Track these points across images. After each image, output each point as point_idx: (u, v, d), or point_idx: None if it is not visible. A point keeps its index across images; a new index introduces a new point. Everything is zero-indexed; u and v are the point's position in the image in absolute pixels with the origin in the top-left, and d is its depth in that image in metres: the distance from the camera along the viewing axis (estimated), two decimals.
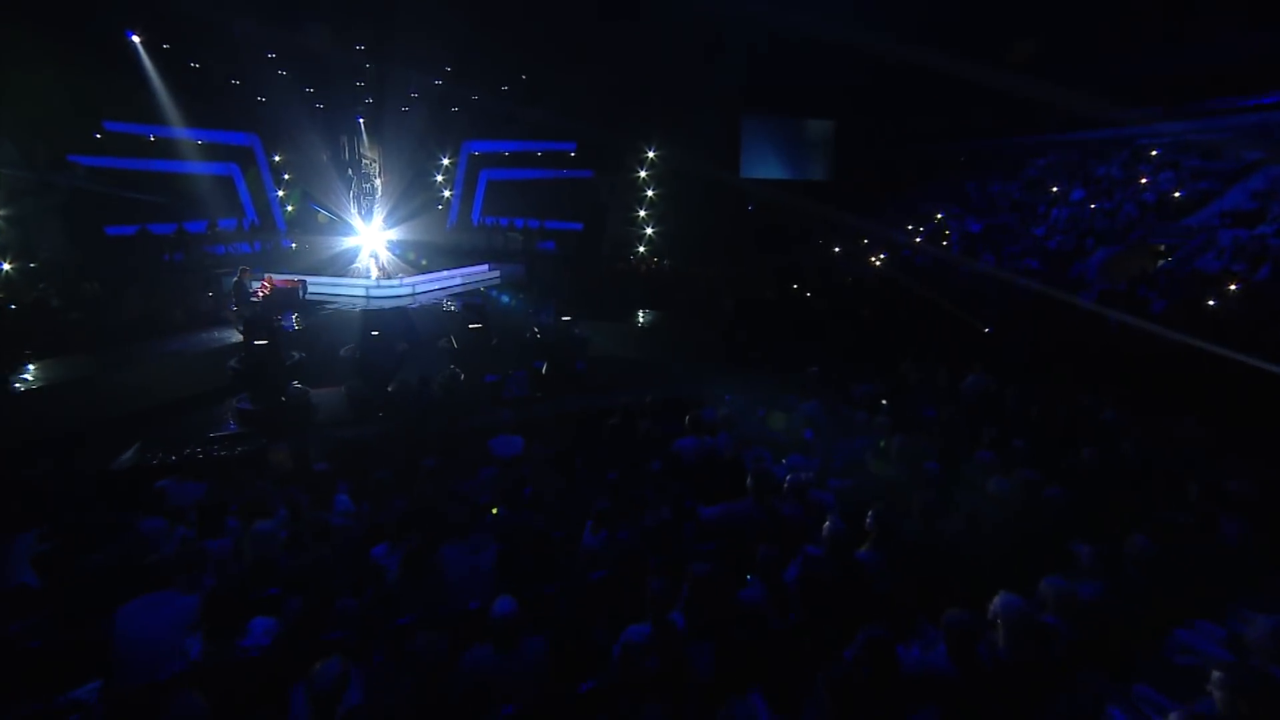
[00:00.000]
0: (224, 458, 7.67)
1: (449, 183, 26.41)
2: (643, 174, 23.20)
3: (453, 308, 13.52)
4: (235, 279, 13.26)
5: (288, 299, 13.45)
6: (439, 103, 24.06)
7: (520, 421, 7.63)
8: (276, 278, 13.99)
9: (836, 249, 22.40)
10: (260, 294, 13.21)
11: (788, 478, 5.41)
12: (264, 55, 21.17)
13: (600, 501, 4.99)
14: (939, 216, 21.87)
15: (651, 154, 23.04)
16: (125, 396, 10.16)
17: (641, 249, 23.32)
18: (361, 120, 23.81)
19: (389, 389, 10.29)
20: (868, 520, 4.57)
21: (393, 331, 12.72)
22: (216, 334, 13.29)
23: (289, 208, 24.55)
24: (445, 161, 26.27)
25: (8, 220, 17.71)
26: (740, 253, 21.13)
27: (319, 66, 22.06)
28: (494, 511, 5.27)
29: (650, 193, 23.27)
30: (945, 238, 20.36)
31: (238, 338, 12.91)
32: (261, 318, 9.83)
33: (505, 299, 15.82)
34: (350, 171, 24.01)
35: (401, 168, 25.12)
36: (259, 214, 23.51)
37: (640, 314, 14.72)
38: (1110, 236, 17.38)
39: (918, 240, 20.76)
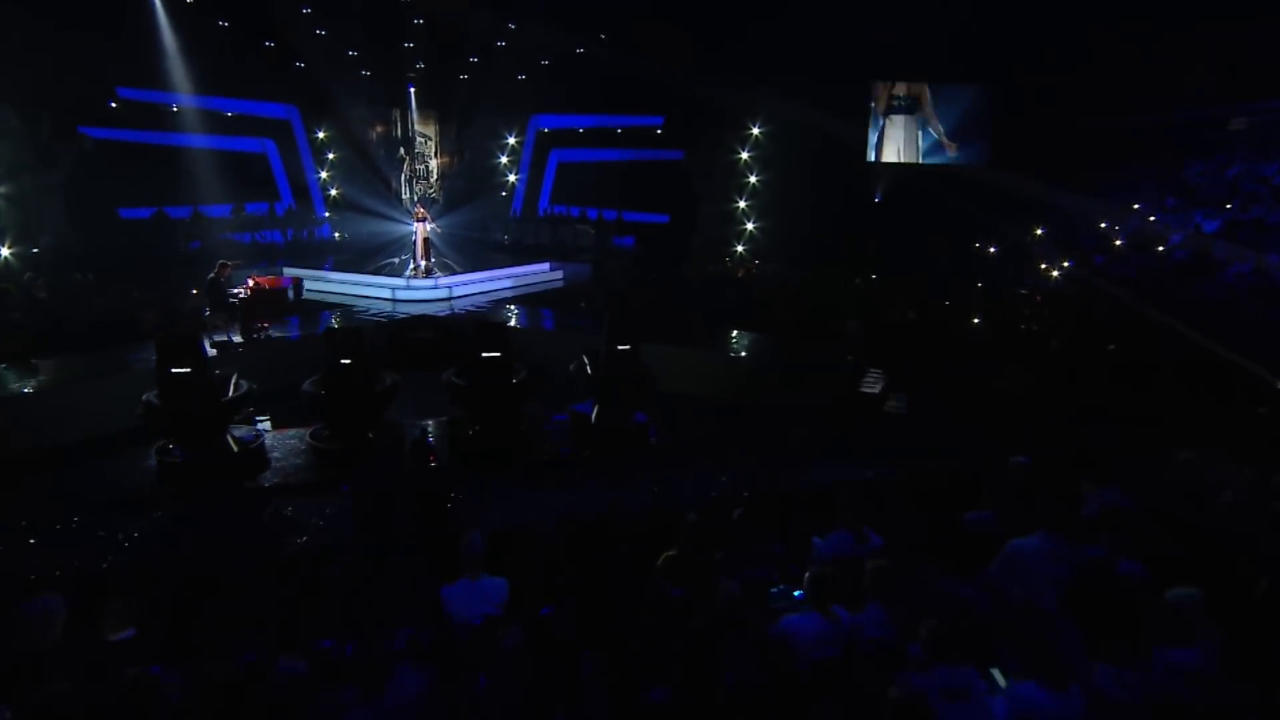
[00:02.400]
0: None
1: (514, 165, 24.79)
2: (745, 155, 20.77)
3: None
4: (212, 276, 11.34)
5: (273, 303, 11.52)
6: (503, 68, 22.56)
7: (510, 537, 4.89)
8: (263, 277, 12.22)
9: (993, 250, 18.80)
10: (241, 296, 11.32)
11: None
12: (301, 12, 20.07)
13: None
14: (1135, 207, 17.98)
15: (756, 131, 20.55)
16: (18, 428, 8.15)
17: (740, 248, 20.79)
18: (413, 89, 22.60)
19: (370, 442, 7.87)
20: None
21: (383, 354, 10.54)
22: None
23: (332, 191, 23.15)
24: (510, 140, 24.64)
25: (6, 199, 16.72)
26: (867, 256, 17.95)
27: (364, 25, 20.81)
28: None
29: (753, 179, 20.81)
30: (1160, 239, 16.47)
31: (208, 350, 11.00)
32: (185, 335, 7.55)
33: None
34: (402, 151, 23.23)
35: (460, 146, 24.34)
36: (296, 197, 22.23)
37: (735, 336, 11.84)
38: None
39: (1116, 241, 16.98)
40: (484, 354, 8.43)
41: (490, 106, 23.31)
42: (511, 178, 24.82)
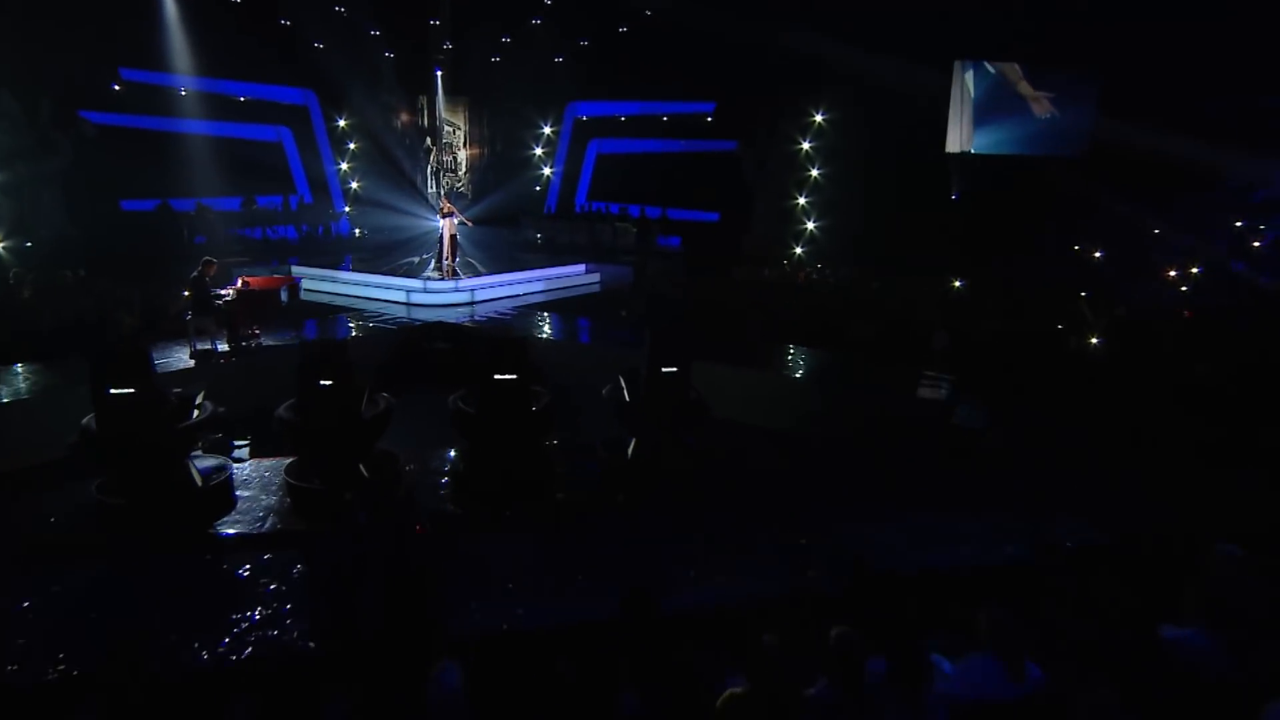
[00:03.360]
0: None
1: (549, 156, 23.96)
2: (805, 146, 19.37)
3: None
4: (195, 274, 10.34)
5: (265, 306, 10.52)
6: (539, 50, 21.86)
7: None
8: (257, 277, 11.29)
9: (1099, 254, 17.06)
10: (228, 298, 10.33)
11: None
12: None
13: None
14: None
15: (819, 118, 19.11)
16: None
17: (798, 250, 19.41)
18: (440, 72, 21.81)
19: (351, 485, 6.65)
20: None
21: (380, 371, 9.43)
22: (158, 355, 10.35)
23: (353, 184, 22.48)
24: (545, 129, 23.80)
25: (1, 189, 16.13)
26: (948, 260, 16.39)
27: (387, 1, 20.09)
28: None
29: (814, 172, 19.41)
30: None
31: (185, 361, 10.02)
32: (129, 348, 6.42)
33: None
34: (428, 141, 22.73)
35: (490, 136, 23.71)
36: (312, 190, 21.63)
37: (799, 354, 10.49)
38: None
39: (1255, 243, 15.17)
40: (497, 375, 7.16)
41: (524, 92, 22.71)
42: (546, 171, 24.14)
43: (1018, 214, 17.03)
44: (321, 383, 6.94)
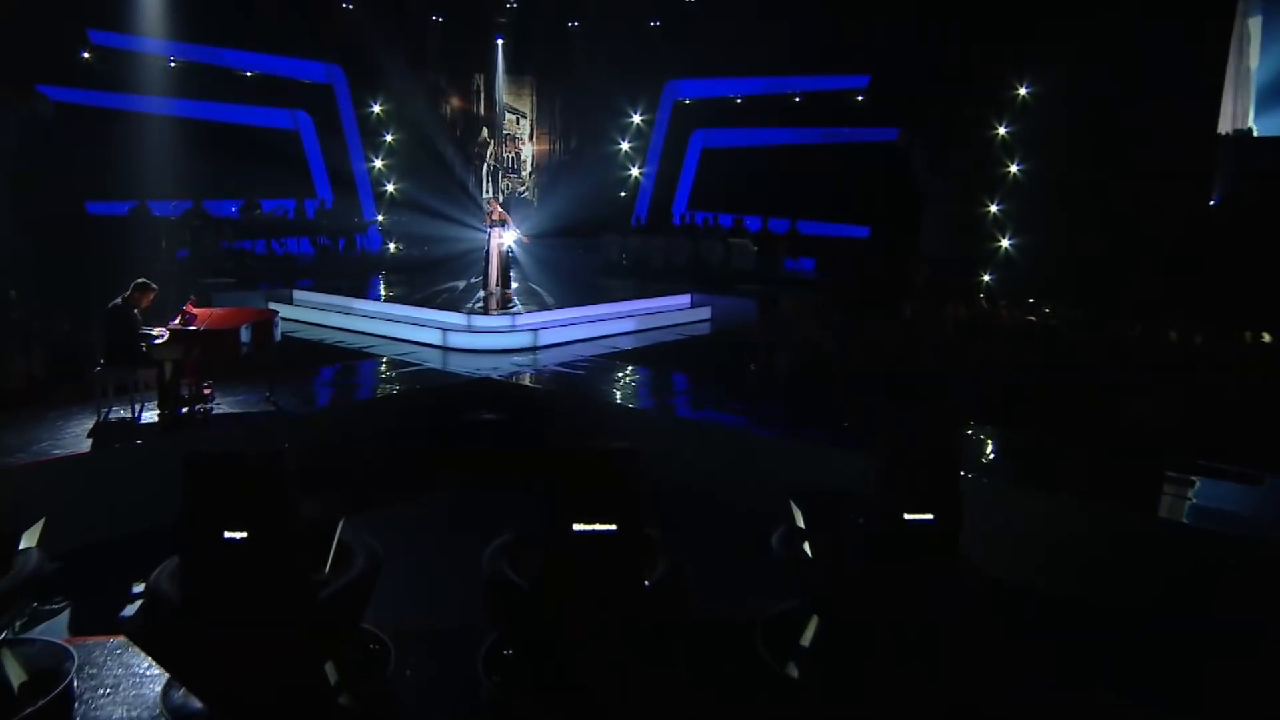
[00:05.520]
0: None
1: (639, 153, 22.65)
2: (1001, 132, 16.94)
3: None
4: (116, 304, 8.12)
5: (215, 350, 8.20)
6: (628, 11, 20.88)
7: None
8: (206, 308, 9.00)
9: None
10: (160, 338, 8.07)
11: None
12: None
13: None
14: None
15: (1022, 91, 16.71)
16: None
17: (985, 277, 16.95)
18: (501, 42, 21.64)
19: None
20: None
21: None
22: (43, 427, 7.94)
23: (387, 186, 21.51)
24: (635, 118, 22.54)
25: None
26: (1212, 294, 13.55)
27: None
28: None
29: (1013, 168, 16.90)
30: None
31: (79, 442, 7.42)
32: None
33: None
34: (485, 133, 22.70)
35: (564, 125, 23.72)
36: (336, 192, 20.62)
37: (1006, 437, 7.66)
38: None
39: None
40: (581, 523, 4.08)
41: (608, 69, 21.64)
42: (634, 171, 22.90)
43: None
44: (228, 535, 4.02)
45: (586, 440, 9.11)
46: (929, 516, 4.37)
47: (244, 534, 3.90)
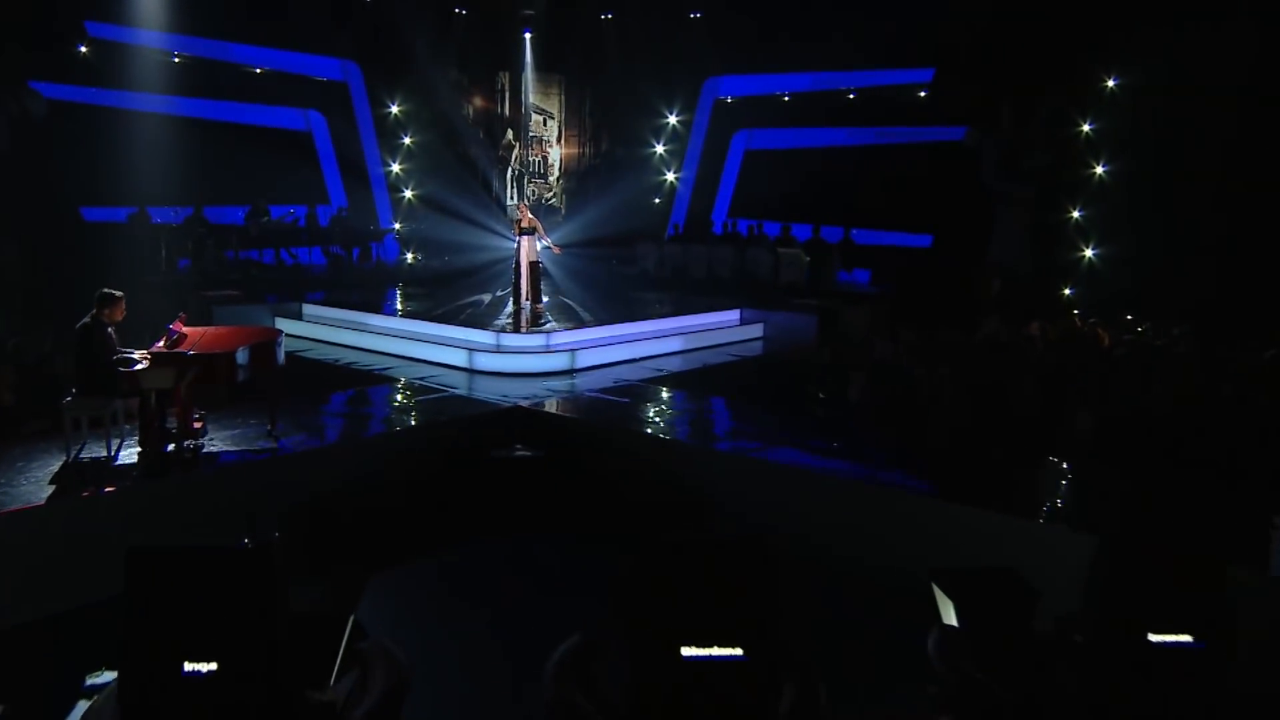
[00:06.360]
0: None
1: (675, 156, 22.23)
2: (1085, 129, 16.05)
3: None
4: (85, 323, 7.30)
5: (209, 376, 7.48)
6: (667, 3, 20.53)
7: None
8: (198, 328, 8.10)
9: None
10: (139, 365, 7.21)
11: None
12: None
13: None
14: None
15: (1111, 83, 15.73)
16: None
17: (1065, 291, 15.99)
18: (529, 35, 21.05)
19: None
20: None
21: None
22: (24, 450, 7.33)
23: (405, 192, 21.02)
24: (671, 119, 22.06)
25: None
26: None
27: None
28: None
29: (1098, 169, 15.93)
30: None
31: (39, 488, 6.46)
32: None
33: None
34: (510, 135, 22.19)
35: (594, 127, 23.41)
36: (350, 198, 20.20)
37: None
38: None
39: None
40: (695, 646, 2.96)
41: (642, 65, 21.11)
42: (669, 176, 22.35)
43: None
44: (190, 668, 2.90)
45: (644, 484, 8.03)
46: (1187, 639, 3.22)
47: (211, 666, 2.79)
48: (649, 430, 8.57)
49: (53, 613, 5.59)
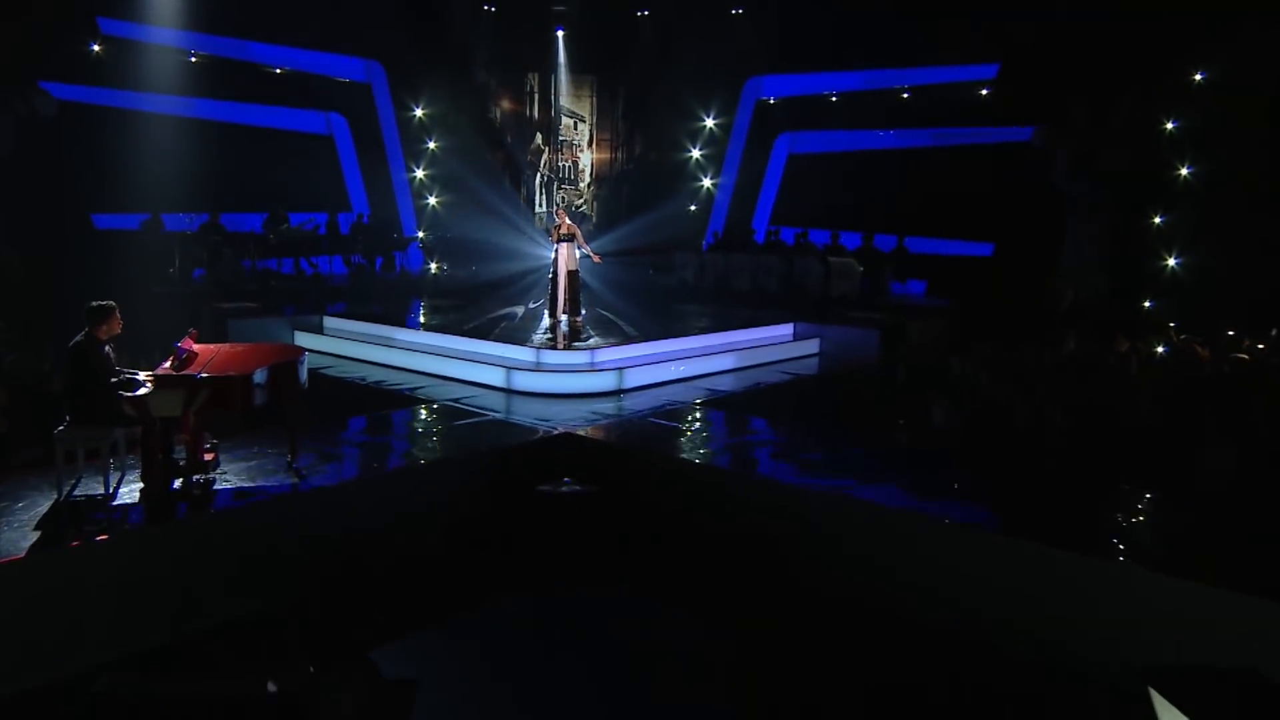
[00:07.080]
0: None
1: (714, 160, 21.90)
2: (1168, 127, 15.35)
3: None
4: (78, 341, 6.57)
5: (222, 400, 6.77)
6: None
7: None
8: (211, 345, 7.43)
9: None
10: (142, 389, 6.55)
11: None
12: None
13: None
14: None
15: (1198, 76, 15.11)
16: None
17: (1145, 304, 15.38)
18: (562, 33, 20.85)
19: None
20: None
21: None
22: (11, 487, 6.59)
23: (430, 199, 20.73)
24: (709, 122, 21.66)
25: None
26: None
27: None
28: None
29: (1182, 171, 15.20)
30: None
31: (24, 535, 5.69)
32: None
33: None
34: (539, 138, 22.17)
35: (628, 130, 23.09)
36: (373, 205, 19.89)
37: None
38: None
39: None
40: None
41: (680, 64, 20.63)
42: (706, 182, 21.98)
43: None
44: None
45: (722, 528, 7.14)
46: None
47: None
48: (718, 462, 7.69)
49: (25, 688, 4.81)
